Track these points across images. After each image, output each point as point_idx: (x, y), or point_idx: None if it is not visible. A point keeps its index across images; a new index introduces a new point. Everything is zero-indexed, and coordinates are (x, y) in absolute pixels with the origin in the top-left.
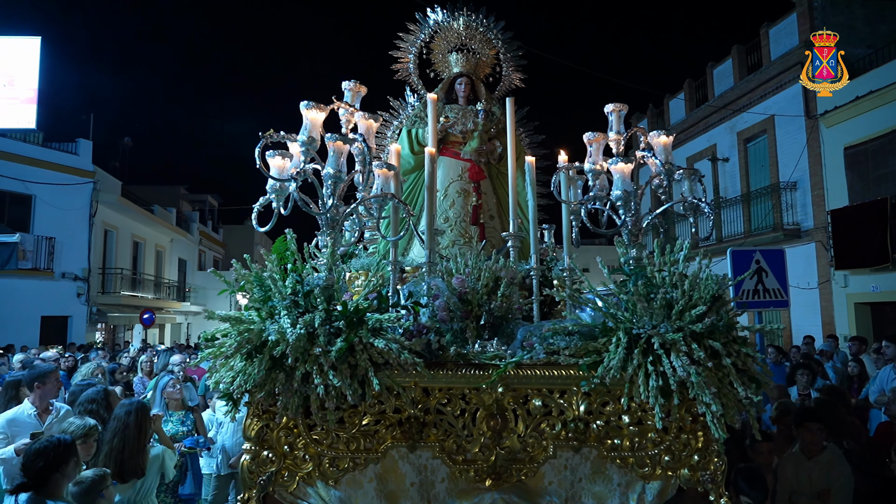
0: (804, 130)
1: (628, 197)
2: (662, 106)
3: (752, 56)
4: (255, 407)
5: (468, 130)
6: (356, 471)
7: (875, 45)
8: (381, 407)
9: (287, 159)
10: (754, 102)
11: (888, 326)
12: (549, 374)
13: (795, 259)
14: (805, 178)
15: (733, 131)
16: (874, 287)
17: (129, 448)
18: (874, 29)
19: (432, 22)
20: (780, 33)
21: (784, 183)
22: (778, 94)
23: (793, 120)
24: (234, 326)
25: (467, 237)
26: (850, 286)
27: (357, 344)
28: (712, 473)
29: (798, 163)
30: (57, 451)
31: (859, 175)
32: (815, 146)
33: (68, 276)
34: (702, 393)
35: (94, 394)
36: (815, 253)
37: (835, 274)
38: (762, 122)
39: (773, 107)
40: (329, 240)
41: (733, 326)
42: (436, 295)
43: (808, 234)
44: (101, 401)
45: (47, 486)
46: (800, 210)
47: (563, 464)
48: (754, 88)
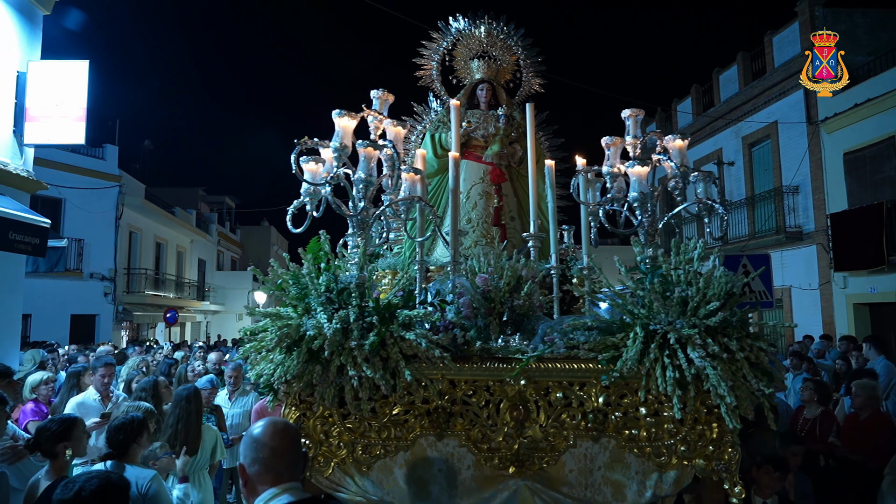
0: (806, 136)
1: (645, 199)
2: (671, 110)
3: (756, 63)
4: (292, 397)
5: (490, 134)
6: (387, 457)
7: (876, 52)
8: (410, 398)
9: (319, 164)
10: (758, 108)
11: (886, 326)
12: (569, 367)
13: (797, 261)
14: (807, 182)
15: (738, 136)
16: (872, 288)
17: (192, 429)
18: (875, 37)
19: (454, 30)
20: (784, 41)
21: (786, 187)
22: (781, 100)
23: (795, 125)
24: (273, 322)
25: (489, 238)
26: (850, 287)
27: (388, 338)
28: (727, 463)
29: (800, 167)
30: (133, 426)
31: (858, 180)
32: (816, 151)
33: (96, 276)
34: (717, 385)
35: (145, 383)
36: (815, 255)
37: (834, 275)
38: (766, 127)
39: (776, 112)
40: (360, 240)
41: (746, 322)
42: (461, 293)
43: (810, 237)
44: (150, 389)
45: (127, 454)
46: (801, 213)
47: (582, 453)
48: (758, 94)
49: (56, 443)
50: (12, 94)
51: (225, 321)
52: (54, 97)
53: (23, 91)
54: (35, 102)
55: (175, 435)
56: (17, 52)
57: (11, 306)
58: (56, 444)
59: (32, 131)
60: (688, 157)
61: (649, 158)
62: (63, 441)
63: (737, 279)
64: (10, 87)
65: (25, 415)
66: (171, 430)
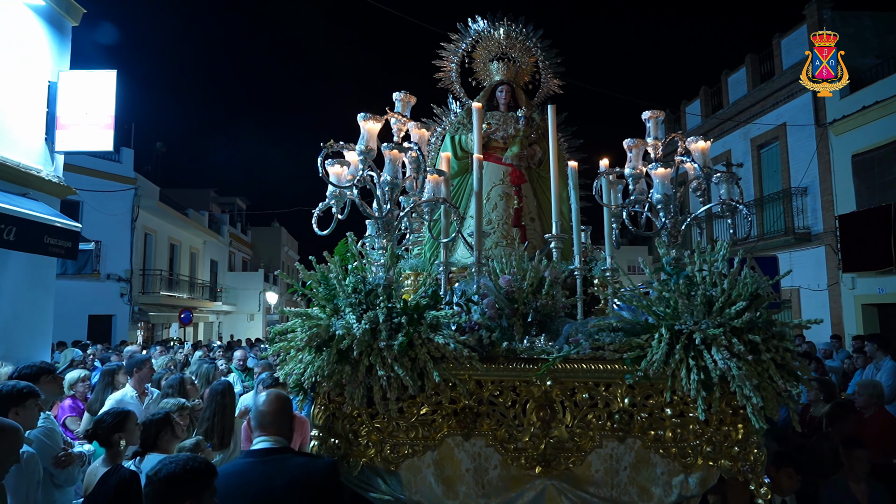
0: (814, 138)
1: (668, 200)
2: (679, 111)
3: (765, 65)
4: (322, 397)
5: (509, 136)
6: (415, 457)
7: (884, 55)
8: (437, 398)
9: (344, 167)
10: (767, 110)
11: (894, 327)
12: (594, 367)
13: (806, 262)
14: (815, 184)
15: (747, 138)
16: (880, 289)
17: (227, 423)
18: (883, 39)
19: (473, 32)
20: (792, 44)
21: (795, 188)
22: (789, 102)
23: (804, 127)
24: (303, 322)
25: (509, 239)
26: (858, 288)
27: (416, 339)
28: (752, 464)
29: (808, 169)
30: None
31: (866, 182)
32: (824, 153)
33: (112, 277)
34: (742, 385)
35: (173, 380)
36: (824, 256)
37: (843, 276)
38: (774, 129)
39: (784, 114)
40: (385, 242)
41: (772, 322)
42: (484, 294)
43: (818, 238)
44: (177, 386)
45: (157, 446)
46: (810, 214)
47: (608, 453)
48: (767, 96)
49: (112, 433)
50: (44, 103)
51: (237, 321)
52: (83, 106)
53: (54, 100)
54: (65, 111)
55: (211, 429)
56: (49, 62)
57: (44, 307)
58: (112, 434)
59: (63, 139)
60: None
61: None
62: (118, 432)
63: (762, 280)
64: (41, 97)
65: (63, 410)
66: (208, 424)
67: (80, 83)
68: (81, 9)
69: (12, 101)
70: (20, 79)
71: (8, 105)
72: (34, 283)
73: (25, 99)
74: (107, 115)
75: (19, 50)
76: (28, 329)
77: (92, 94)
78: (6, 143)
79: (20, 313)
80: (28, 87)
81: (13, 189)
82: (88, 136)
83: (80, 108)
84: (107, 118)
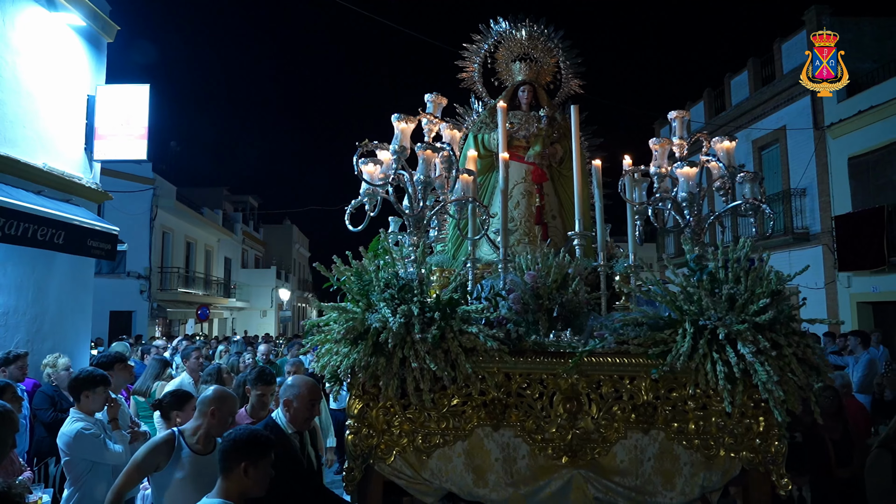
0: (813, 140)
1: (693, 198)
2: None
3: (766, 69)
4: (357, 388)
5: (531, 135)
6: (446, 447)
7: (882, 60)
8: (467, 390)
9: (377, 166)
10: (768, 113)
11: (888, 324)
12: (619, 361)
13: (804, 261)
14: (813, 186)
15: (749, 139)
16: (875, 288)
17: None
18: (882, 44)
19: (495, 33)
20: (792, 48)
21: (794, 189)
22: (789, 105)
23: (803, 130)
24: (340, 315)
25: (531, 236)
26: (853, 287)
27: (448, 332)
28: (773, 455)
29: (806, 171)
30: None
31: (861, 184)
32: (822, 156)
33: (132, 274)
34: (767, 380)
35: (211, 369)
36: (822, 255)
37: (839, 275)
38: (775, 132)
39: (785, 117)
40: (416, 239)
41: (793, 319)
42: (510, 289)
43: (816, 238)
44: (215, 374)
45: None
46: (808, 215)
47: (633, 444)
48: (768, 99)
49: (171, 410)
50: (83, 115)
51: (250, 317)
52: (120, 117)
53: (92, 112)
54: (103, 122)
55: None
56: (87, 76)
57: (84, 304)
58: (171, 411)
59: (101, 148)
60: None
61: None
62: (176, 410)
63: (785, 278)
64: (81, 109)
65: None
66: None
67: (116, 96)
68: (116, 26)
69: (56, 113)
70: (62, 93)
71: (52, 118)
72: (76, 283)
73: (67, 112)
74: (140, 126)
75: (61, 66)
76: (71, 325)
77: (127, 106)
78: (51, 153)
79: (64, 310)
80: (69, 101)
81: (58, 196)
82: (124, 145)
83: (117, 120)
84: (140, 129)
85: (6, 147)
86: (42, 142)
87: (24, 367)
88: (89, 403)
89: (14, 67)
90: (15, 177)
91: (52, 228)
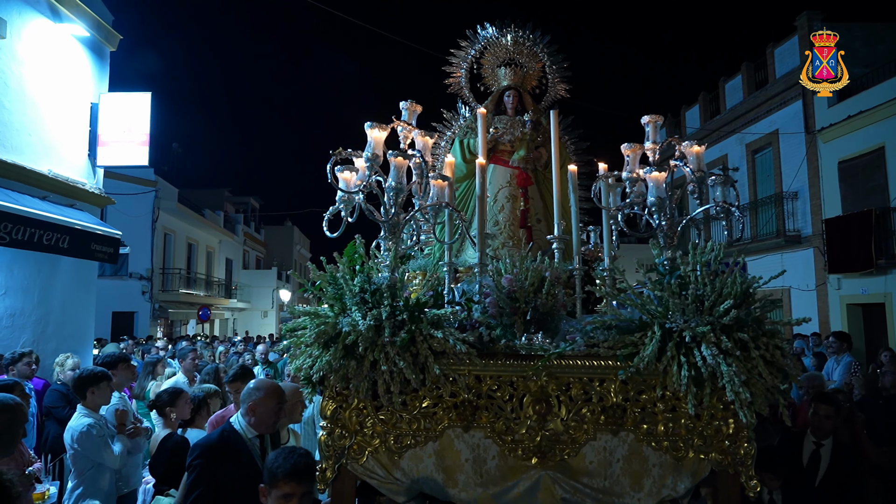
0: (804, 144)
1: (662, 203)
2: (680, 116)
3: (759, 73)
4: (330, 390)
5: (516, 139)
6: (417, 447)
7: (873, 64)
8: (438, 392)
9: (353, 173)
10: (761, 117)
11: (876, 326)
12: (589, 364)
13: (796, 263)
14: (805, 189)
15: (743, 143)
16: (863, 290)
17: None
18: (872, 49)
19: (482, 38)
20: (784, 53)
21: (787, 192)
22: (782, 109)
23: (795, 134)
24: (312, 320)
25: (516, 239)
26: (843, 288)
27: (418, 335)
28: (742, 457)
29: (798, 174)
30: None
31: (851, 187)
32: (813, 159)
33: (135, 275)
34: (731, 382)
35: (210, 369)
36: (812, 258)
37: (829, 277)
38: (768, 135)
39: (777, 121)
40: (391, 244)
41: (762, 321)
42: (487, 293)
43: (807, 241)
44: (213, 373)
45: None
46: (800, 218)
47: (602, 446)
48: (761, 104)
49: (165, 407)
50: (87, 123)
51: (251, 318)
52: (122, 124)
53: (95, 119)
54: (106, 129)
55: None
56: (91, 85)
57: (87, 306)
58: (165, 408)
59: (104, 154)
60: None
61: (667, 164)
62: (170, 406)
63: (754, 280)
64: (84, 117)
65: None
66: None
67: (119, 104)
68: (118, 35)
69: (60, 121)
70: (66, 101)
71: (56, 125)
72: (80, 285)
73: (71, 119)
74: (142, 133)
75: (65, 75)
76: (75, 326)
77: (129, 113)
78: (56, 159)
79: (69, 311)
80: (73, 109)
81: (62, 201)
82: (126, 152)
83: (119, 127)
84: (142, 135)
85: (12, 154)
86: (47, 149)
87: (31, 364)
88: (95, 399)
89: (20, 77)
90: (21, 183)
91: (56, 233)
